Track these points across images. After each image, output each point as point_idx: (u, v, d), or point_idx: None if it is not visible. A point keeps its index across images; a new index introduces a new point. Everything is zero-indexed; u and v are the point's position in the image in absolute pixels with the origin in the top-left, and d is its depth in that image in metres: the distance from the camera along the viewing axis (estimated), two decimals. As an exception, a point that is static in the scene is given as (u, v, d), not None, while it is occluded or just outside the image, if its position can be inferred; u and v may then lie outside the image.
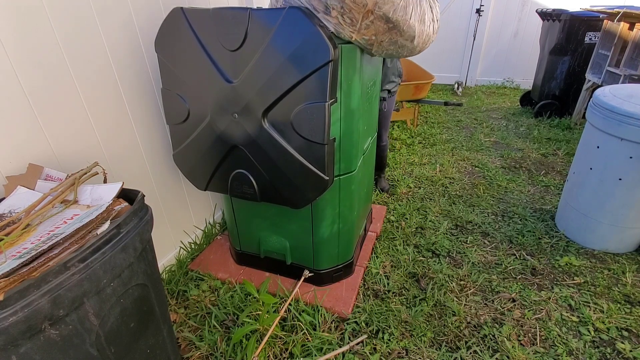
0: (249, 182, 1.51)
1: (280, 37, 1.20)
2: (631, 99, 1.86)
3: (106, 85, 1.45)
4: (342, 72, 1.33)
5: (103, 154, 1.48)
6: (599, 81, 3.47)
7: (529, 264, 2.03)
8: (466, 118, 4.41)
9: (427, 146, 3.62)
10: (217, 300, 1.78)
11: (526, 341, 1.59)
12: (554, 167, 3.15)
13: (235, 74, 1.32)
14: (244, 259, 1.97)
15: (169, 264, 1.95)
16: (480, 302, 1.79)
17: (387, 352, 1.54)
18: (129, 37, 1.50)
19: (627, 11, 2.95)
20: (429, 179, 2.96)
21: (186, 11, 1.31)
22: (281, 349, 1.55)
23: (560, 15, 3.78)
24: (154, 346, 1.11)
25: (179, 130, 1.54)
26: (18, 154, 1.18)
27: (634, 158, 1.81)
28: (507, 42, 5.52)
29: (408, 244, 2.19)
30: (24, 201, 1.01)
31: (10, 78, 1.13)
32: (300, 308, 1.71)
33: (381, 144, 2.55)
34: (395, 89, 2.40)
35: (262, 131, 1.36)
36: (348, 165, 1.58)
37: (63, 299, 0.76)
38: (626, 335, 1.62)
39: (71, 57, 1.29)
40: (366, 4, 1.20)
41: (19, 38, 1.14)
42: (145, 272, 1.02)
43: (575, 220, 2.18)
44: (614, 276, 1.94)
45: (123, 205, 1.00)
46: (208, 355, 1.54)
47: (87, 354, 0.86)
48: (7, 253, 0.82)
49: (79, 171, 1.10)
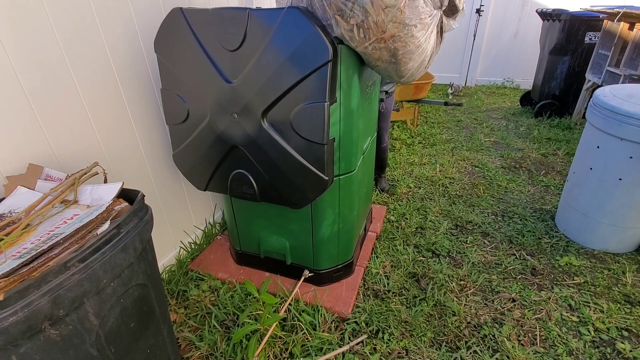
0: (249, 182, 1.51)
1: (279, 37, 1.20)
2: (631, 99, 1.86)
3: (106, 85, 1.45)
4: (342, 72, 1.34)
5: (103, 154, 1.48)
6: (599, 81, 3.47)
7: (529, 264, 2.03)
8: (466, 118, 4.41)
9: (427, 146, 3.62)
10: (217, 300, 1.78)
11: (526, 341, 1.59)
12: (554, 167, 3.15)
13: (235, 74, 1.32)
14: (244, 259, 1.97)
15: (169, 264, 1.95)
16: (480, 302, 1.79)
17: (387, 352, 1.54)
18: (129, 37, 1.50)
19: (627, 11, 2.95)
20: (429, 179, 2.96)
21: (185, 11, 1.31)
22: (281, 349, 1.55)
23: (560, 15, 3.78)
24: (154, 346, 1.11)
25: (178, 130, 1.54)
26: (18, 154, 1.18)
27: (634, 158, 1.81)
28: (507, 42, 5.52)
29: (408, 244, 2.20)
30: (24, 201, 1.01)
31: (11, 78, 1.13)
32: (300, 308, 1.71)
33: (382, 145, 2.55)
34: (392, 90, 2.40)
35: (261, 131, 1.36)
36: (348, 165, 1.58)
37: (63, 299, 0.77)
38: (626, 335, 1.62)
39: (71, 57, 1.30)
40: (384, 32, 1.24)
41: (19, 38, 1.14)
42: (145, 272, 1.02)
43: (575, 220, 2.18)
44: (614, 276, 1.94)
45: (123, 205, 1.00)
46: (208, 355, 1.54)
47: (87, 354, 0.86)
48: (7, 253, 0.82)
49: (79, 171, 1.10)
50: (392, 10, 1.20)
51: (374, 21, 1.22)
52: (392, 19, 1.22)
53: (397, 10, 1.21)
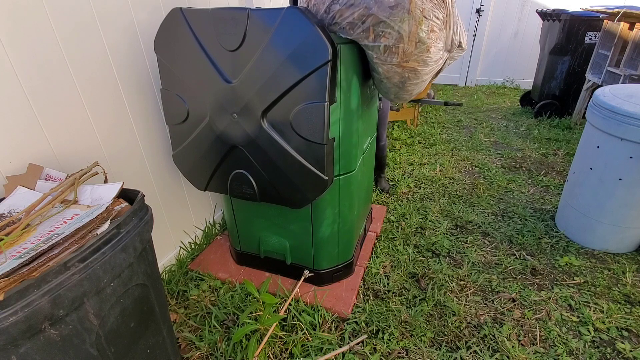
0: (249, 182, 1.51)
1: (279, 37, 1.20)
2: (631, 99, 1.86)
3: (106, 85, 1.45)
4: (342, 72, 1.34)
5: (103, 154, 1.48)
6: (599, 81, 3.47)
7: (529, 264, 2.03)
8: (466, 118, 4.41)
9: (427, 146, 3.62)
10: (217, 300, 1.78)
11: (526, 341, 1.59)
12: (554, 167, 3.15)
13: (235, 74, 1.32)
14: (244, 259, 1.97)
15: (169, 264, 1.95)
16: (480, 302, 1.79)
17: (387, 352, 1.54)
18: (129, 37, 1.50)
19: (627, 11, 2.95)
20: (429, 179, 2.96)
21: (185, 11, 1.31)
22: (281, 349, 1.55)
23: (560, 15, 3.78)
24: (154, 346, 1.11)
25: (178, 130, 1.54)
26: (18, 154, 1.18)
27: (634, 158, 1.81)
28: (507, 42, 5.52)
29: (408, 244, 2.20)
30: (24, 201, 1.01)
31: (11, 78, 1.13)
32: (300, 308, 1.71)
33: (380, 144, 2.55)
34: None
35: (261, 131, 1.36)
36: (348, 165, 1.58)
37: (63, 299, 0.77)
38: (626, 335, 1.62)
39: (71, 57, 1.30)
40: (407, 61, 1.36)
41: (19, 38, 1.14)
42: (145, 272, 1.02)
43: (575, 220, 2.18)
44: (614, 276, 1.94)
45: (123, 205, 1.00)
46: (208, 355, 1.54)
47: (87, 354, 0.86)
48: (7, 253, 0.82)
49: (79, 171, 1.10)
50: (422, 47, 1.31)
51: (403, 50, 1.32)
52: (418, 53, 1.33)
53: (425, 48, 1.32)
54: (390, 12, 1.23)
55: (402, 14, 1.24)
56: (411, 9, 1.23)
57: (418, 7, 1.24)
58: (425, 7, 1.26)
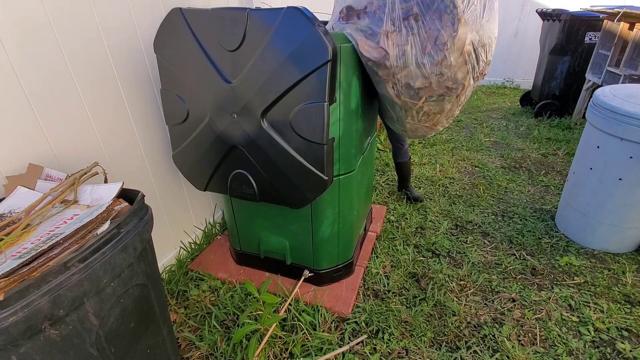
0: (249, 182, 1.51)
1: (279, 37, 1.20)
2: (631, 99, 1.86)
3: (106, 85, 1.45)
4: (342, 72, 1.34)
5: (103, 154, 1.48)
6: (599, 81, 3.47)
7: (529, 264, 2.03)
8: (466, 118, 4.41)
9: (427, 146, 3.62)
10: (217, 300, 1.78)
11: (526, 341, 1.59)
12: (554, 167, 3.15)
13: (234, 74, 1.32)
14: (244, 259, 1.97)
15: (169, 264, 1.95)
16: (480, 302, 1.79)
17: (387, 352, 1.54)
18: (129, 37, 1.50)
19: (627, 11, 2.95)
20: (429, 179, 2.96)
21: (185, 12, 1.31)
22: (281, 348, 1.55)
23: (560, 15, 3.78)
24: (154, 346, 1.11)
25: (178, 130, 1.54)
26: (18, 154, 1.18)
27: (634, 158, 1.81)
28: (507, 42, 5.52)
29: (408, 244, 2.19)
30: (24, 201, 1.01)
31: (11, 78, 1.13)
32: (300, 308, 1.71)
33: (403, 148, 2.45)
34: None
35: (261, 131, 1.36)
36: (347, 165, 1.58)
37: (63, 299, 0.77)
38: (626, 335, 1.62)
39: (71, 57, 1.30)
40: (435, 125, 1.60)
41: (19, 38, 1.14)
42: (145, 272, 1.02)
43: (575, 220, 2.18)
44: (614, 276, 1.94)
45: (123, 205, 1.00)
46: (208, 355, 1.54)
47: (87, 354, 0.86)
48: (7, 253, 0.82)
49: (79, 171, 1.10)
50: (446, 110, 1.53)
51: (438, 119, 1.55)
52: (439, 110, 1.52)
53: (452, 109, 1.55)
54: (446, 91, 1.40)
55: (451, 97, 1.44)
56: (460, 95, 1.44)
57: (464, 95, 1.46)
58: (468, 92, 1.47)
